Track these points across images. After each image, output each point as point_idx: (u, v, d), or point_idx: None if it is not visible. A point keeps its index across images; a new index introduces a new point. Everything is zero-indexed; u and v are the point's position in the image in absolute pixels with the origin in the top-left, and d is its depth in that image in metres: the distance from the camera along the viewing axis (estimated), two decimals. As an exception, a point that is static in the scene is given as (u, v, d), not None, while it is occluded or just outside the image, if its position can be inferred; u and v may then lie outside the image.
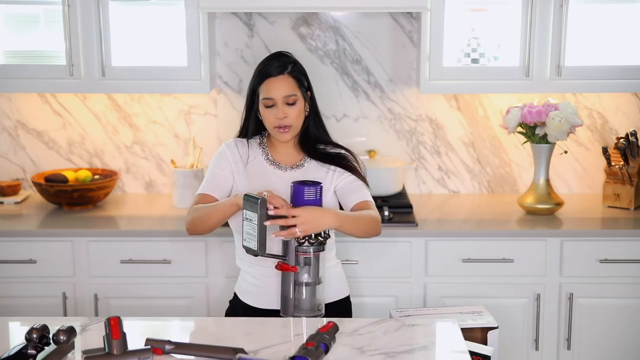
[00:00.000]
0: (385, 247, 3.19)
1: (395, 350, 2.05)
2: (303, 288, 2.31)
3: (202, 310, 3.24)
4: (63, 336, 1.93)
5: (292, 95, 2.46)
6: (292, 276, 2.30)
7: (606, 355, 3.29)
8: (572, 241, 3.22)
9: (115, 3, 3.35)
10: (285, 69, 2.48)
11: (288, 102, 2.46)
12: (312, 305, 2.32)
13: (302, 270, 2.30)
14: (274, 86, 2.46)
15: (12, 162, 3.73)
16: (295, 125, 2.49)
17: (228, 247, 3.20)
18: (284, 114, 2.46)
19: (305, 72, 2.55)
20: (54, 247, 3.22)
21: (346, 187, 2.52)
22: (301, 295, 2.31)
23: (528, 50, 3.33)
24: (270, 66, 2.48)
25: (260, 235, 2.23)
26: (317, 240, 2.29)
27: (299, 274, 2.30)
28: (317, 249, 2.29)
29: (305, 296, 2.31)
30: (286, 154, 2.57)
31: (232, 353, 1.96)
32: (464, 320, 2.38)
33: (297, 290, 2.31)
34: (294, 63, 2.52)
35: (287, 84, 2.47)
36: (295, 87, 2.48)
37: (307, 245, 2.28)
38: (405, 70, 3.64)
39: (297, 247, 2.28)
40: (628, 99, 3.66)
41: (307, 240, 2.28)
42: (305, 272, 2.30)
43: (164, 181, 3.75)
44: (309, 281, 2.31)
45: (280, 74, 2.47)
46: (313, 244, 2.28)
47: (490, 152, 3.72)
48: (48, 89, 3.47)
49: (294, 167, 2.55)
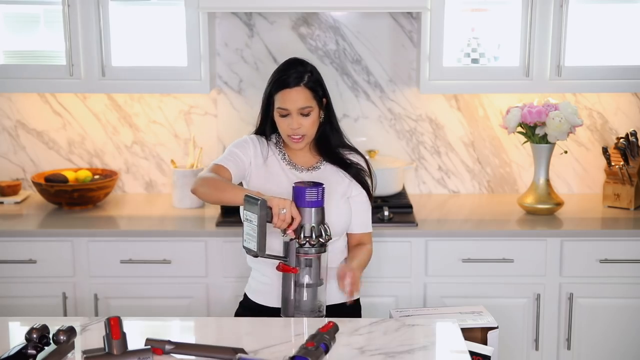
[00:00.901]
0: (385, 247, 3.18)
1: (395, 350, 2.05)
2: (304, 289, 2.30)
3: (202, 310, 3.24)
4: (63, 336, 1.93)
5: (307, 107, 2.46)
6: (293, 277, 2.30)
7: (606, 355, 3.29)
8: (572, 241, 3.22)
9: (115, 3, 3.35)
10: (301, 80, 2.46)
11: (302, 112, 2.46)
12: (313, 307, 2.31)
13: (303, 271, 2.29)
14: (289, 98, 2.45)
15: (12, 162, 3.73)
16: (309, 134, 2.49)
17: (228, 247, 3.20)
18: (298, 124, 2.45)
19: (321, 80, 2.52)
20: (54, 247, 3.21)
21: (355, 207, 2.53)
22: (302, 296, 2.30)
23: (528, 50, 3.33)
24: (287, 76, 2.47)
25: (260, 236, 2.22)
26: (319, 242, 2.28)
27: (299, 275, 2.29)
28: (318, 250, 2.29)
29: (307, 297, 2.30)
30: (302, 156, 2.57)
31: (232, 353, 1.96)
32: (464, 320, 2.38)
33: (297, 292, 2.30)
34: (311, 72, 2.50)
35: (303, 96, 2.45)
36: (310, 99, 2.47)
37: (308, 246, 2.27)
38: (405, 70, 3.64)
39: (299, 248, 2.28)
40: (628, 99, 3.66)
41: (309, 241, 2.27)
42: (306, 273, 2.29)
43: (164, 181, 3.75)
44: (310, 282, 2.30)
45: (296, 86, 2.45)
46: (314, 245, 2.28)
47: (490, 152, 3.72)
48: (48, 89, 3.47)
49: (310, 168, 2.54)
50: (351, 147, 2.60)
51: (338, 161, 2.55)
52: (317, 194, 2.28)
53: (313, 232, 2.27)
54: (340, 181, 2.52)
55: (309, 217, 2.27)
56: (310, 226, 2.27)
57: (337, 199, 2.50)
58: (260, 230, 2.22)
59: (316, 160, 2.57)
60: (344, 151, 2.58)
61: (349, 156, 2.56)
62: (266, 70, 3.62)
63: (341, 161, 2.55)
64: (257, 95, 3.62)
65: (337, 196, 2.50)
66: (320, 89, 2.51)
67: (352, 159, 2.56)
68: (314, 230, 2.27)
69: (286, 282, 2.31)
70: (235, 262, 3.18)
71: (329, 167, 2.55)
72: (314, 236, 2.27)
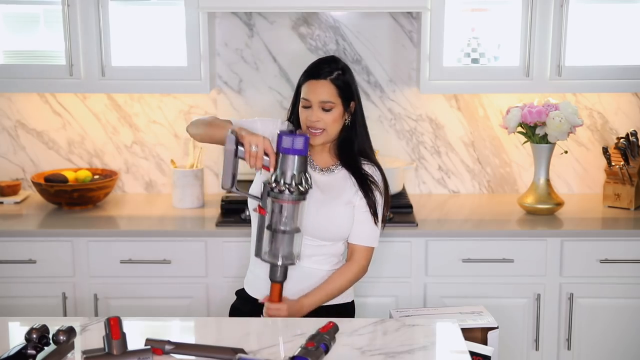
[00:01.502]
0: (385, 247, 3.18)
1: (395, 350, 2.05)
2: (279, 235, 2.32)
3: (202, 310, 3.24)
4: (63, 336, 1.93)
5: (329, 102, 2.45)
6: (265, 220, 2.33)
7: (606, 355, 3.28)
8: (572, 241, 3.22)
9: (115, 3, 3.35)
10: (330, 74, 2.46)
11: (324, 107, 2.45)
12: (288, 254, 2.34)
13: (279, 217, 2.31)
14: (313, 89, 2.46)
15: (12, 162, 3.73)
16: (328, 131, 2.47)
17: (228, 247, 3.20)
18: (317, 118, 2.45)
19: (352, 83, 2.51)
20: (54, 247, 3.21)
21: (356, 216, 2.51)
22: (277, 242, 2.32)
23: (528, 50, 3.33)
24: (318, 68, 2.48)
25: (225, 169, 2.29)
26: (298, 190, 2.29)
27: (277, 222, 2.32)
28: (297, 198, 2.30)
29: (281, 244, 2.33)
30: (320, 155, 2.56)
31: (232, 353, 1.96)
32: (464, 320, 2.38)
33: (273, 238, 2.33)
34: (342, 71, 2.49)
35: (327, 90, 2.45)
36: (335, 95, 2.46)
37: (288, 193, 2.29)
38: (405, 70, 3.64)
39: (278, 194, 2.30)
40: (628, 99, 3.66)
41: (288, 188, 2.28)
42: (282, 219, 2.31)
43: (164, 181, 3.75)
44: (286, 229, 2.32)
45: (323, 79, 2.46)
46: (293, 193, 2.29)
47: (491, 152, 3.72)
48: (48, 89, 3.47)
49: (324, 169, 2.54)
50: (373, 159, 2.57)
51: (352, 168, 2.52)
52: (300, 142, 2.29)
53: (293, 180, 2.28)
54: (348, 188, 2.50)
55: (291, 164, 2.29)
56: (291, 174, 2.28)
57: (341, 204, 2.49)
58: (226, 164, 2.28)
59: (332, 163, 2.55)
60: (364, 161, 2.55)
61: (365, 167, 2.54)
62: (266, 70, 3.63)
63: (355, 169, 2.52)
64: (257, 95, 3.64)
65: (342, 202, 2.49)
66: (349, 91, 2.49)
67: (367, 170, 2.53)
68: (294, 179, 2.28)
69: (261, 224, 2.36)
70: (235, 262, 3.18)
71: (342, 173, 2.53)
72: (294, 184, 2.28)
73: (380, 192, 2.53)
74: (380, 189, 2.53)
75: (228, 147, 2.28)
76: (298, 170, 2.29)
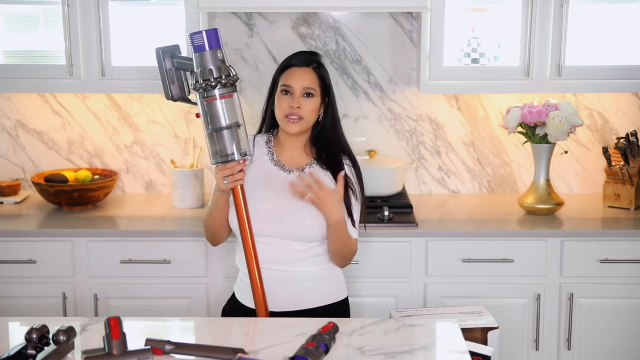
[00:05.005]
0: (385, 247, 3.18)
1: (395, 350, 2.05)
2: (218, 133, 2.30)
3: (202, 310, 3.24)
4: (63, 336, 1.93)
5: (311, 88, 2.47)
6: (205, 124, 2.32)
7: (606, 355, 3.28)
8: (572, 241, 3.22)
9: (115, 3, 3.35)
10: (310, 63, 2.50)
11: (306, 92, 2.46)
12: (237, 150, 2.31)
13: (216, 115, 2.29)
14: (296, 75, 2.48)
15: (12, 162, 3.73)
16: (306, 119, 2.47)
17: (228, 247, 3.19)
18: (299, 103, 2.45)
19: (328, 77, 2.54)
20: (54, 247, 3.21)
21: None
22: (221, 139, 2.30)
23: (528, 50, 3.33)
24: (296, 58, 2.51)
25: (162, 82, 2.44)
26: (229, 81, 2.28)
27: (214, 121, 2.29)
28: (227, 91, 2.28)
29: (224, 140, 2.30)
30: (292, 156, 2.55)
31: (232, 353, 1.96)
32: (464, 320, 2.38)
33: (217, 138, 2.30)
34: (320, 63, 2.53)
35: (309, 77, 2.48)
36: (316, 84, 2.48)
37: (219, 88, 2.27)
38: (405, 70, 3.64)
39: (206, 92, 2.28)
40: (628, 99, 3.66)
41: (219, 81, 2.27)
42: (218, 116, 2.30)
43: (164, 181, 3.75)
44: (222, 125, 2.29)
45: (304, 66, 2.49)
46: (225, 85, 2.27)
47: (491, 152, 3.72)
48: (48, 89, 3.47)
49: (298, 169, 2.52)
50: (347, 152, 2.57)
51: (329, 164, 2.52)
52: (212, 34, 2.27)
53: (221, 72, 2.26)
54: (327, 182, 2.47)
55: (210, 59, 2.26)
56: (215, 67, 2.26)
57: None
58: (161, 77, 2.43)
59: (306, 162, 2.54)
60: (343, 157, 2.55)
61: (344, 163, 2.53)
62: (266, 70, 3.62)
63: (332, 165, 2.51)
64: (257, 95, 3.64)
65: None
66: (326, 85, 2.52)
67: (345, 163, 2.53)
68: (222, 70, 2.27)
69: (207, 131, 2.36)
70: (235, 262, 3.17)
71: (316, 169, 2.52)
72: (223, 76, 2.26)
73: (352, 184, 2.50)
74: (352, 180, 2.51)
75: (158, 61, 2.44)
76: (217, 64, 2.27)
